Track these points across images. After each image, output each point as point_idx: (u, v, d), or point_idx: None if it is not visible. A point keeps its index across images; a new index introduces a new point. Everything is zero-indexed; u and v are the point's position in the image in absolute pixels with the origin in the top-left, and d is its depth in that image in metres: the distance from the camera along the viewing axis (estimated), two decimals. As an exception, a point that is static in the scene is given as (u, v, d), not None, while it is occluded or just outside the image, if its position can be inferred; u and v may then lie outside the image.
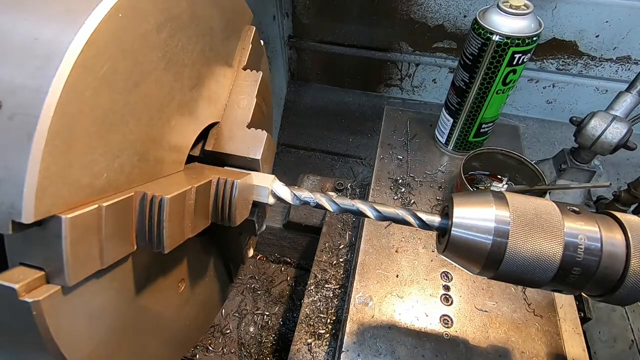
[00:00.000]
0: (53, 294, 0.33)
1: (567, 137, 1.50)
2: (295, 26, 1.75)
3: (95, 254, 0.36)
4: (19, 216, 0.30)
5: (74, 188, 0.34)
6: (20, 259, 0.33)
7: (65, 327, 0.35)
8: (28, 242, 0.33)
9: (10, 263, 0.33)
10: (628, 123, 0.94)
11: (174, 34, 0.43)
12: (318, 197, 0.52)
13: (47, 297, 0.32)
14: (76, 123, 0.33)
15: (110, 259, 0.38)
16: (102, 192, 0.37)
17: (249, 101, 0.58)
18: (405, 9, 1.55)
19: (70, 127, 0.32)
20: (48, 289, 0.33)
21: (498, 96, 0.87)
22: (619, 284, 0.43)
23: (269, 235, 1.38)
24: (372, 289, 0.76)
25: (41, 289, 0.32)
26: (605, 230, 0.44)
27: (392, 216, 0.50)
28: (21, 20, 0.33)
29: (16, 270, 0.33)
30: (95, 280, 0.38)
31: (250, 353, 1.24)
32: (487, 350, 0.68)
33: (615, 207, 1.04)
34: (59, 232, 0.32)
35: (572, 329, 0.75)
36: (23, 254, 0.33)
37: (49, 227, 0.32)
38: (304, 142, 1.88)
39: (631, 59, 1.49)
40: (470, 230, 0.45)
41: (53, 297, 0.33)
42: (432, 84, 1.76)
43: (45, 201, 0.31)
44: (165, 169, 0.47)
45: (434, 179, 0.96)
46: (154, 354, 0.53)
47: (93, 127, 0.34)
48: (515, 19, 0.76)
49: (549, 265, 0.43)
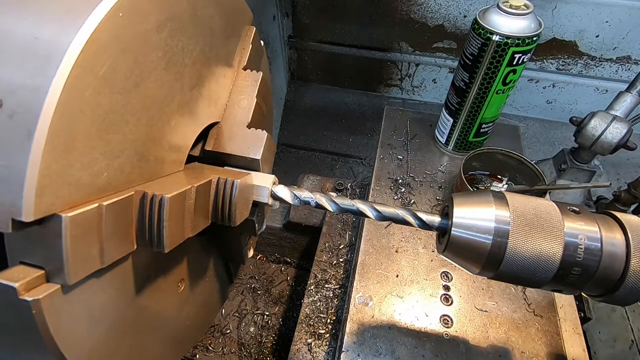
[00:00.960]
0: (53, 293, 0.33)
1: (567, 137, 1.50)
2: (295, 26, 1.75)
3: (95, 253, 0.36)
4: (19, 214, 0.30)
5: (74, 187, 0.34)
6: (20, 257, 0.33)
7: (65, 326, 0.35)
8: (28, 241, 0.33)
9: (10, 262, 0.33)
10: (628, 123, 0.93)
11: (174, 33, 0.43)
12: (318, 197, 0.52)
13: (47, 295, 0.32)
14: (76, 122, 0.33)
15: (110, 258, 0.38)
16: (102, 191, 0.37)
17: (249, 101, 0.58)
18: (405, 9, 1.55)
19: (71, 126, 0.32)
20: (48, 287, 0.33)
21: (498, 96, 0.87)
22: (619, 284, 0.43)
23: (269, 235, 1.38)
24: (372, 289, 0.76)
25: (41, 287, 0.32)
26: (605, 230, 0.44)
27: (392, 216, 0.50)
28: (22, 20, 0.33)
29: (16, 269, 0.33)
30: (95, 280, 0.38)
31: (250, 353, 1.24)
32: (487, 350, 0.68)
33: (615, 207, 1.04)
34: (59, 231, 0.32)
35: (572, 329, 0.75)
36: (23, 253, 0.33)
37: (49, 226, 0.32)
38: (304, 142, 1.88)
39: (631, 59, 1.49)
40: (470, 230, 0.45)
41: (53, 296, 0.33)
42: (432, 84, 1.76)
43: (46, 200, 0.31)
44: (165, 169, 0.47)
45: (434, 179, 0.96)
46: (154, 354, 0.53)
47: (93, 126, 0.34)
48: (515, 19, 0.76)
49: (549, 265, 0.43)
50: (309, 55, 1.83)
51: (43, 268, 0.33)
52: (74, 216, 0.33)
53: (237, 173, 0.53)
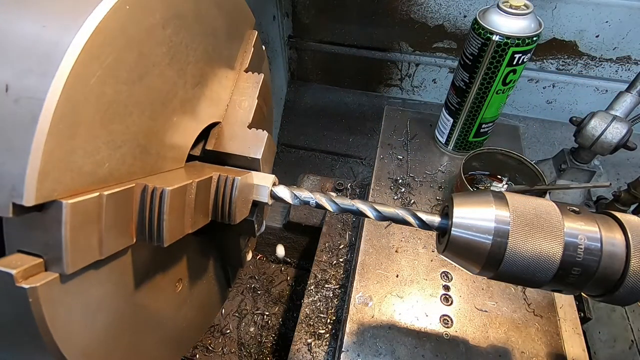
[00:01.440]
0: (51, 282, 0.33)
1: (567, 137, 1.50)
2: (295, 26, 1.75)
3: (94, 243, 0.36)
4: (20, 199, 0.30)
5: (76, 174, 0.34)
6: (19, 246, 0.33)
7: (62, 317, 0.35)
8: (27, 228, 0.32)
9: (8, 250, 0.33)
10: (628, 123, 0.94)
11: (178, 30, 0.44)
12: (318, 197, 0.52)
13: (45, 284, 0.32)
14: (81, 109, 0.33)
15: (109, 250, 0.38)
16: (103, 181, 0.37)
17: (250, 103, 0.58)
18: (405, 9, 1.55)
19: (75, 112, 0.32)
20: (46, 276, 0.32)
21: (498, 96, 0.87)
22: (619, 284, 0.43)
23: (269, 235, 1.38)
24: (372, 289, 0.76)
25: (39, 276, 0.32)
26: (605, 230, 0.44)
27: (392, 216, 0.50)
28: (30, 9, 0.33)
29: (14, 256, 0.32)
30: (94, 271, 0.38)
31: (250, 353, 1.24)
32: (487, 350, 0.68)
33: (615, 207, 1.04)
34: (59, 217, 0.32)
35: (572, 329, 0.75)
36: (22, 241, 0.33)
37: (50, 212, 0.32)
38: (304, 142, 1.88)
39: (631, 59, 1.49)
40: (470, 230, 0.45)
41: (50, 285, 0.33)
42: (432, 84, 1.76)
43: (47, 185, 0.31)
44: (166, 165, 0.47)
45: (434, 179, 0.96)
46: (152, 354, 0.53)
47: (97, 115, 0.35)
48: (515, 19, 0.76)
49: (549, 265, 0.43)
50: (309, 55, 1.83)
51: (41, 256, 0.33)
52: (75, 203, 0.33)
53: (238, 172, 0.53)
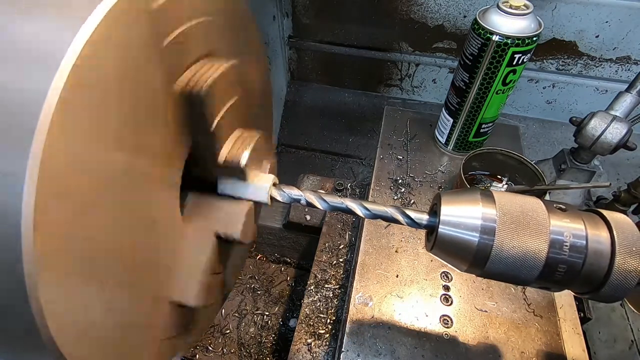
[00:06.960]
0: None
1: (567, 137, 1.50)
2: (295, 26, 1.75)
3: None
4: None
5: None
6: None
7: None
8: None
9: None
10: (628, 123, 0.93)
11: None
12: (307, 195, 0.51)
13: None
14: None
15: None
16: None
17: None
18: (405, 9, 1.55)
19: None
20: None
21: (498, 96, 0.87)
22: (604, 281, 0.43)
23: (269, 235, 1.38)
24: (372, 289, 0.76)
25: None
26: (591, 227, 0.44)
27: (381, 214, 0.50)
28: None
29: None
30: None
31: (250, 353, 1.24)
32: (487, 350, 0.68)
33: (615, 207, 1.04)
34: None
35: (572, 329, 0.75)
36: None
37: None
38: (304, 142, 1.88)
39: (631, 59, 1.49)
40: (458, 228, 0.45)
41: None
42: (432, 84, 1.76)
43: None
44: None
45: (434, 179, 0.96)
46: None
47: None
48: (515, 19, 0.76)
49: (535, 263, 0.44)
50: (309, 55, 1.83)
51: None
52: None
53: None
